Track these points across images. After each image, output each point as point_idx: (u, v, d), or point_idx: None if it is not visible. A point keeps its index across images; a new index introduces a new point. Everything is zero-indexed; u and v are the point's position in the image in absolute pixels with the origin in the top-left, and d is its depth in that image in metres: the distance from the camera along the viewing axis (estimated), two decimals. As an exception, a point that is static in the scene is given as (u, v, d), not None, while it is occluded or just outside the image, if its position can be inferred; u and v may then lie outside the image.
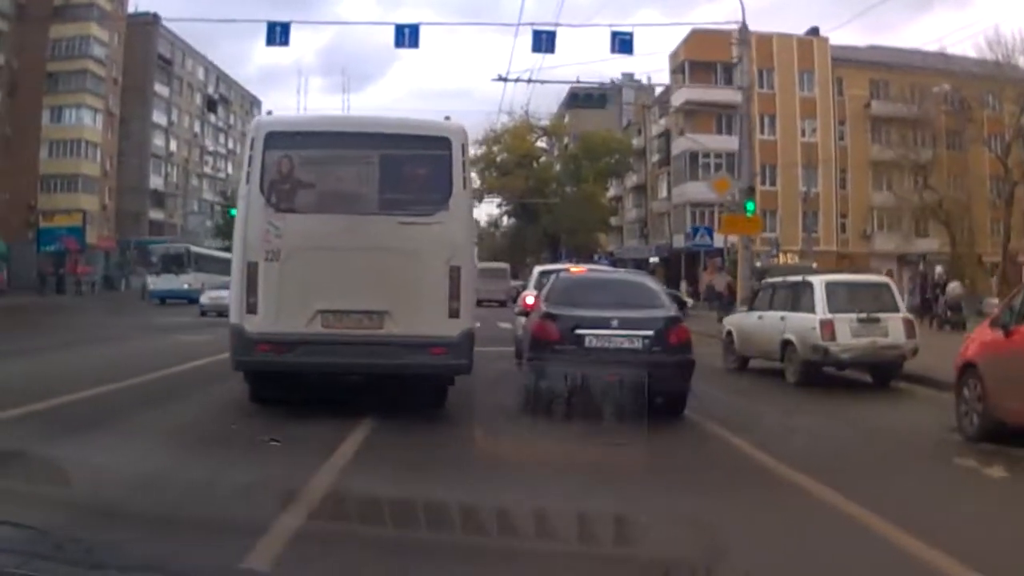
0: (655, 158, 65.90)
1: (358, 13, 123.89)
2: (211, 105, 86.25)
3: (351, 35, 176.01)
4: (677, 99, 55.55)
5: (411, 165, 9.72)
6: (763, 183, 51.80)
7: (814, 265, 33.42)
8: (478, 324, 10.40)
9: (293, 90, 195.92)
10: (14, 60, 54.25)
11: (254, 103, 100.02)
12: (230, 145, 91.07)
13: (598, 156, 61.45)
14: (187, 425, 9.07)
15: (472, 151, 27.01)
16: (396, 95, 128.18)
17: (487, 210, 76.90)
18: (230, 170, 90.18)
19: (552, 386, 9.62)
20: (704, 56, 52.31)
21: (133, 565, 2.44)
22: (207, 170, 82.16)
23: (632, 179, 70.41)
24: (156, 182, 72.77)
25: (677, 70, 56.48)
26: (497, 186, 64.79)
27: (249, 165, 9.44)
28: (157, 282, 45.00)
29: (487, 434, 8.72)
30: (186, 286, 42.13)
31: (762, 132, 53.87)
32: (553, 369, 9.64)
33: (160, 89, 73.63)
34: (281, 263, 9.10)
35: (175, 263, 45.60)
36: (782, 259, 48.09)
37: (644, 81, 70.83)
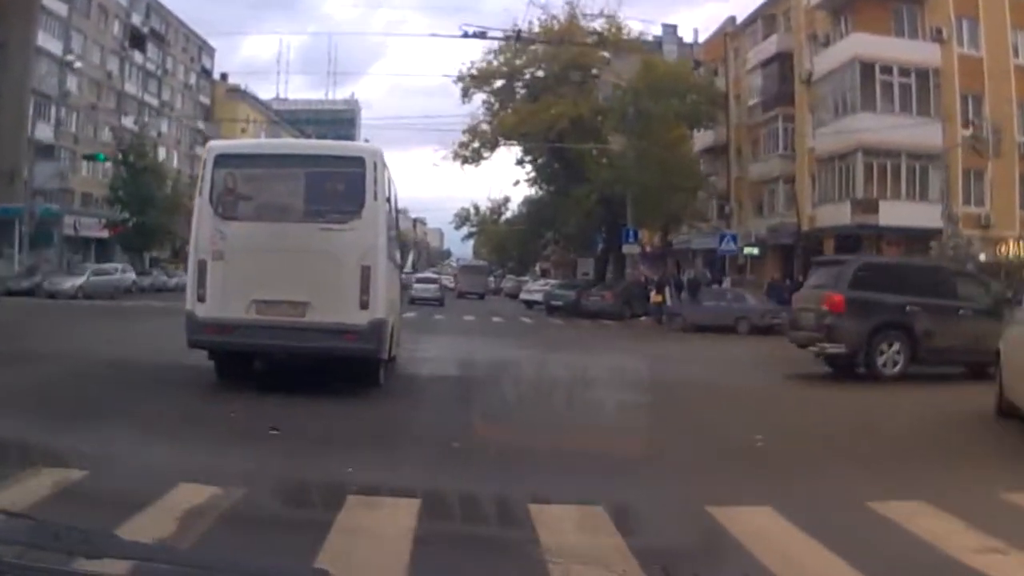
0: (753, 101, 45.64)
1: (342, 11, 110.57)
2: (136, 40, 65.49)
3: (335, 31, 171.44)
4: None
5: (331, 181, 11.31)
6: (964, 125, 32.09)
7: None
8: (407, 314, 14.94)
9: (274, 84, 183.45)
10: None
11: (202, 49, 79.31)
12: (164, 96, 70.34)
13: (664, 94, 39.78)
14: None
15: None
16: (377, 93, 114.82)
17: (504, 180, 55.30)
18: (165, 129, 69.65)
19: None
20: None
21: (132, 554, 2.42)
22: (126, 123, 61.14)
23: (705, 138, 49.71)
24: (44, 132, 52.22)
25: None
26: (517, 126, 42.48)
27: (202, 181, 11.21)
28: None
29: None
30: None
31: (959, 43, 33.85)
32: None
33: (53, 5, 53.04)
34: (225, 261, 10.79)
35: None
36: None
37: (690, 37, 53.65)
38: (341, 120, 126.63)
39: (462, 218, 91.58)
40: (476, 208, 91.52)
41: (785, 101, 42.07)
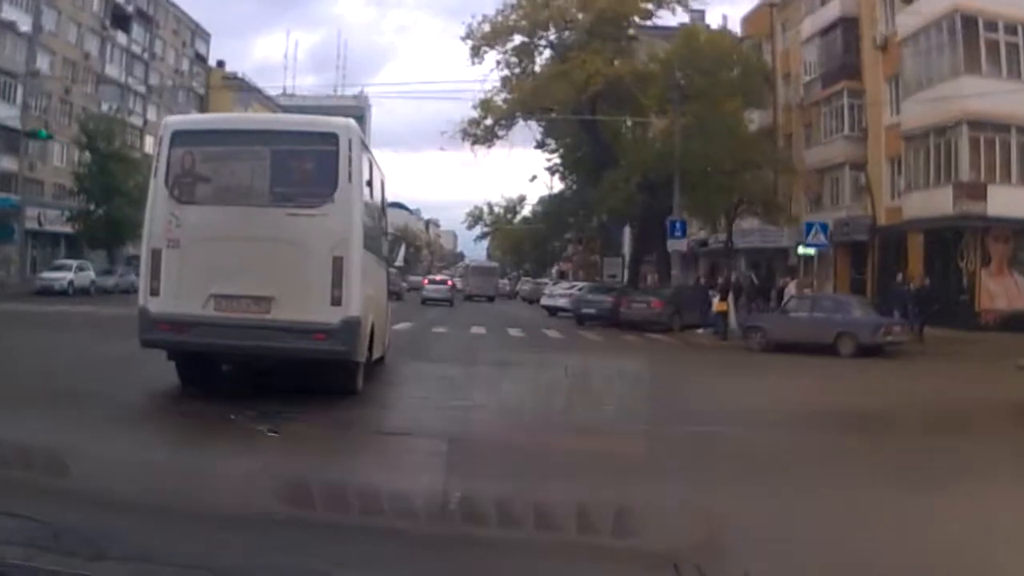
0: (808, 77, 39.45)
1: (353, 12, 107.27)
2: (119, 19, 59.89)
3: (346, 33, 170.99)
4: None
5: (300, 160, 10.19)
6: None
7: None
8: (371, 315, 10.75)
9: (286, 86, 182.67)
10: None
11: (196, 33, 73.69)
12: (151, 81, 64.71)
13: (706, 68, 33.28)
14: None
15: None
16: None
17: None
18: (152, 116, 63.74)
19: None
20: None
21: (132, 555, 2.45)
22: (105, 108, 55.34)
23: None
24: (7, 114, 46.60)
25: None
26: (538, 96, 35.61)
27: (157, 160, 10.22)
28: None
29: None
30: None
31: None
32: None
33: (21, -26, 47.47)
34: (181, 250, 9.75)
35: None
36: None
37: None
38: (350, 117, 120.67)
39: (475, 217, 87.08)
40: (490, 207, 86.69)
41: (851, 73, 35.93)
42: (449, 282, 51.12)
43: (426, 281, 53.15)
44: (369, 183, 11.13)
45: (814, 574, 4.45)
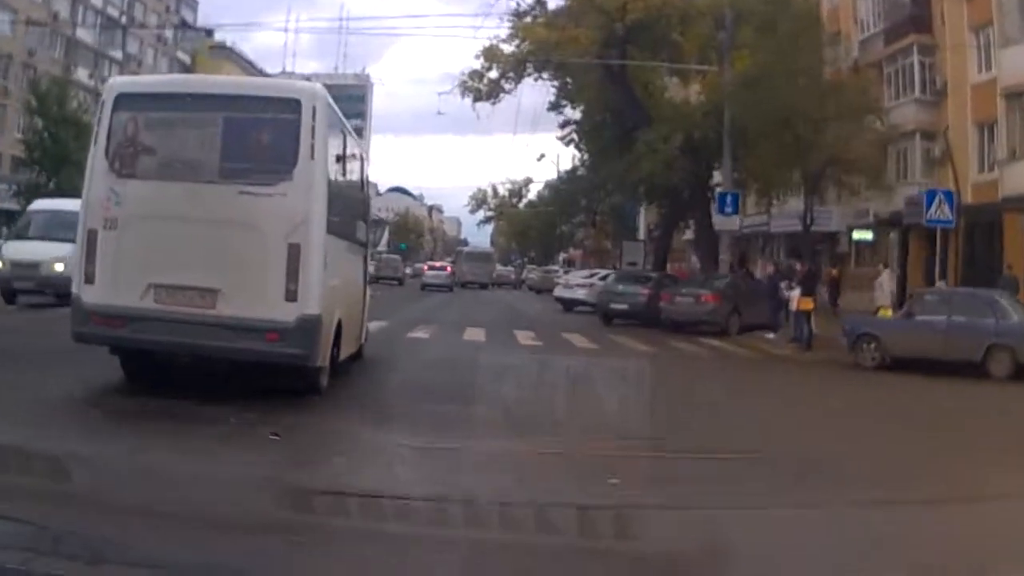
0: (866, 34, 34.03)
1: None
2: (92, -25, 54.60)
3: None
4: None
5: (256, 130, 9.03)
6: None
7: None
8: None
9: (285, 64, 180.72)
10: None
11: (181, -1, 68.22)
12: (129, 48, 59.46)
13: (759, 22, 27.66)
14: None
15: None
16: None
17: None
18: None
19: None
20: None
21: (132, 560, 2.42)
22: (80, 76, 49.95)
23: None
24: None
25: None
26: (551, 41, 29.76)
27: (98, 127, 9.09)
28: None
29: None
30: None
31: None
32: None
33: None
34: (118, 232, 8.72)
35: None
36: None
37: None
38: (351, 97, 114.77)
39: (478, 200, 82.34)
40: (494, 190, 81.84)
41: (920, 27, 30.70)
42: (448, 268, 50.66)
43: (426, 268, 53.58)
44: (340, 159, 9.88)
45: None
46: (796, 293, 18.85)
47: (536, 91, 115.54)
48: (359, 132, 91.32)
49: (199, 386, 8.72)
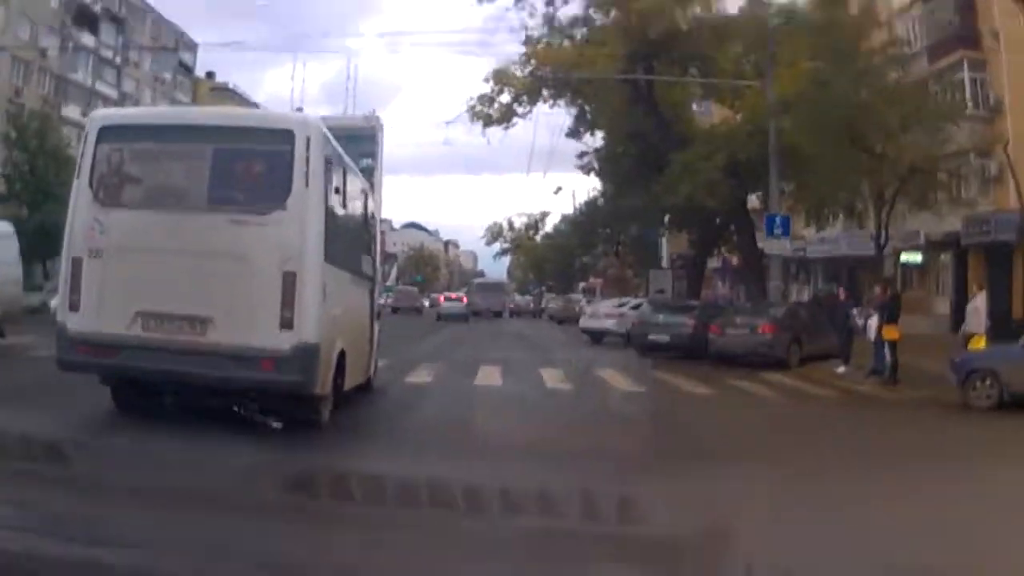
0: (908, 52, 31.92)
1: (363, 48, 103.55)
2: (83, 18, 53.09)
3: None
4: None
5: (248, 161, 8.94)
6: None
7: None
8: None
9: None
10: None
11: (181, 41, 66.68)
12: (125, 87, 57.85)
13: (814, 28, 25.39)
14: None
15: None
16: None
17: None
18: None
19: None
20: None
21: (132, 542, 2.35)
22: (71, 113, 48.27)
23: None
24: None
25: None
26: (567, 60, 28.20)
27: (81, 158, 9.12)
28: None
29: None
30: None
31: None
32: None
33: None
34: (104, 260, 8.71)
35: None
36: None
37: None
38: (361, 138, 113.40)
39: (494, 233, 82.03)
40: (510, 223, 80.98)
41: (968, 43, 29.16)
42: (464, 299, 51.83)
43: (442, 298, 55.80)
44: (340, 191, 9.72)
45: None
46: (874, 321, 16.82)
47: (550, 129, 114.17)
48: (370, 172, 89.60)
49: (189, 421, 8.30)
